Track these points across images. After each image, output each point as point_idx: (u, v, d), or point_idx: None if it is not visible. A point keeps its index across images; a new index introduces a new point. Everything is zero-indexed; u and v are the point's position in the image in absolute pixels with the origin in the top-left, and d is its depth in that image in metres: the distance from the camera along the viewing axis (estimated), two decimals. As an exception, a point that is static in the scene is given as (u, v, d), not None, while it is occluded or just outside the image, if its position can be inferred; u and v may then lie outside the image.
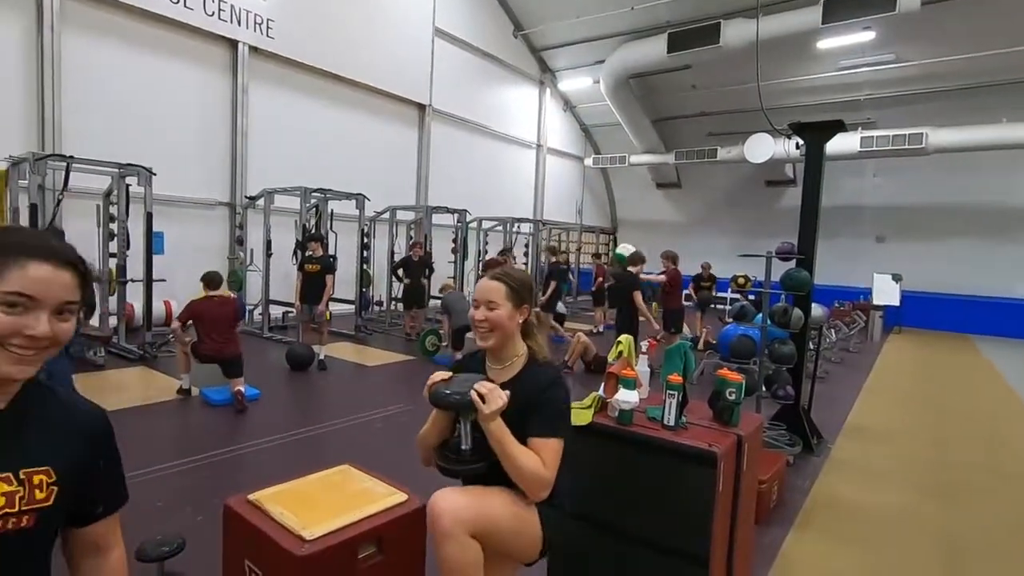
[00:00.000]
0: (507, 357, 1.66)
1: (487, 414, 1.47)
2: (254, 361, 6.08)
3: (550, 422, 1.54)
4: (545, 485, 1.51)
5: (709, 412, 2.30)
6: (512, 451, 1.49)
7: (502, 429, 1.49)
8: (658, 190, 18.49)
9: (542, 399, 1.56)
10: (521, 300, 1.65)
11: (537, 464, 1.49)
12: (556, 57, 15.77)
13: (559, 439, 1.55)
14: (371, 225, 10.19)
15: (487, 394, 1.48)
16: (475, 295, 1.68)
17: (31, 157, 5.60)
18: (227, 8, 8.74)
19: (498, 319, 1.61)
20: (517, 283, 1.66)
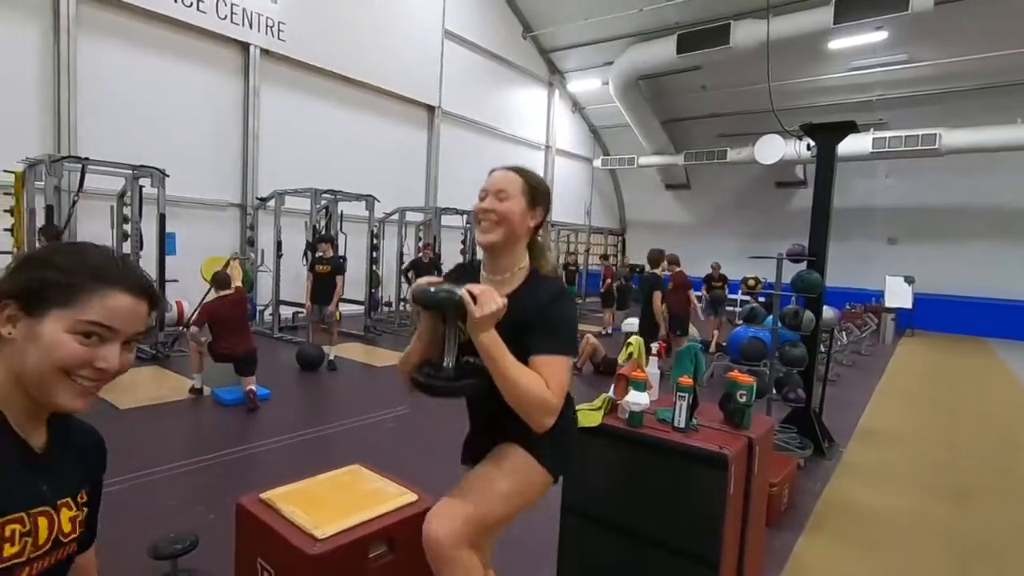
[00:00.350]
0: (507, 267, 1.42)
1: (478, 318, 1.22)
2: (265, 361, 6.12)
3: (555, 337, 1.30)
4: (549, 410, 1.27)
5: (720, 414, 2.29)
6: (508, 370, 1.24)
7: (496, 343, 1.25)
8: (667, 191, 18.43)
9: (546, 313, 1.32)
10: (536, 201, 1.43)
11: (539, 385, 1.25)
12: (565, 59, 15.76)
13: (566, 357, 1.31)
14: (380, 226, 10.24)
15: (480, 295, 1.23)
16: (485, 185, 1.46)
17: (47, 159, 5.69)
18: (239, 11, 8.82)
19: (507, 211, 1.37)
20: (535, 180, 1.45)
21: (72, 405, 0.78)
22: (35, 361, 0.75)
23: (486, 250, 1.45)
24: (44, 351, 0.75)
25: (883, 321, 11.41)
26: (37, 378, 0.76)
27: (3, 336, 0.76)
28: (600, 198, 19.18)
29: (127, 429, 4.27)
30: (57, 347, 0.75)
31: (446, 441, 4.41)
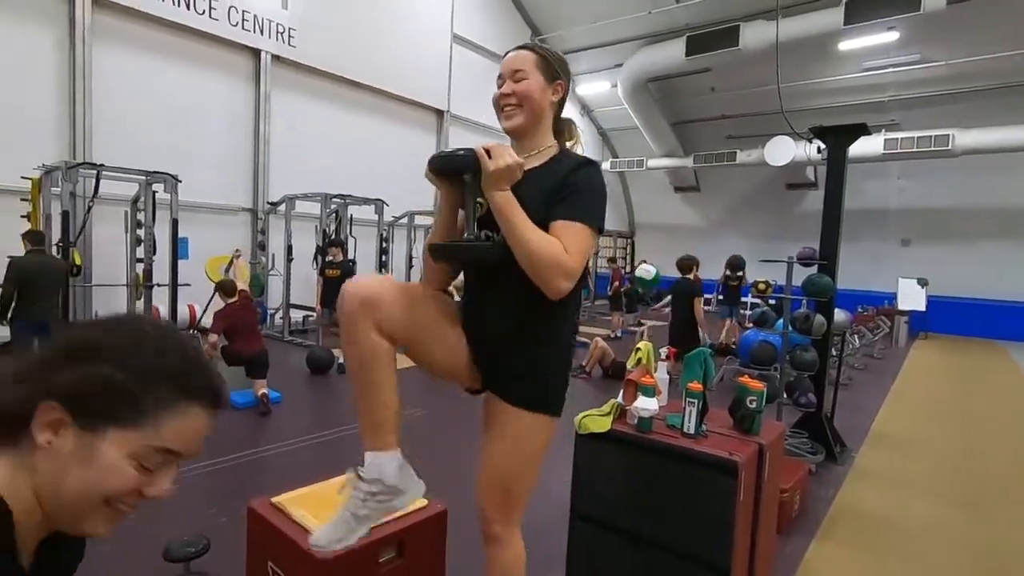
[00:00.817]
0: (535, 145, 1.37)
1: (492, 171, 1.20)
2: (275, 364, 6.16)
3: (577, 204, 1.26)
4: (566, 273, 1.22)
5: (729, 420, 2.28)
6: (524, 231, 1.20)
7: (511, 202, 1.22)
8: (676, 194, 18.35)
9: (568, 181, 1.28)
10: (555, 75, 1.37)
11: (555, 246, 1.21)
12: (574, 61, 15.75)
13: (587, 226, 1.26)
14: (390, 230, 10.30)
15: (494, 149, 1.21)
16: (500, 69, 1.40)
17: (63, 165, 5.79)
18: (250, 18, 8.92)
19: (527, 90, 1.33)
20: (549, 53, 1.39)
21: (97, 532, 0.64)
22: (78, 486, 0.60)
23: (511, 135, 1.41)
24: (96, 477, 0.60)
25: (896, 324, 11.28)
26: (73, 503, 0.60)
27: (38, 444, 0.59)
28: (609, 200, 18.78)
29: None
30: (114, 475, 0.60)
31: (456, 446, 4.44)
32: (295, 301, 8.60)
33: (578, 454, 2.26)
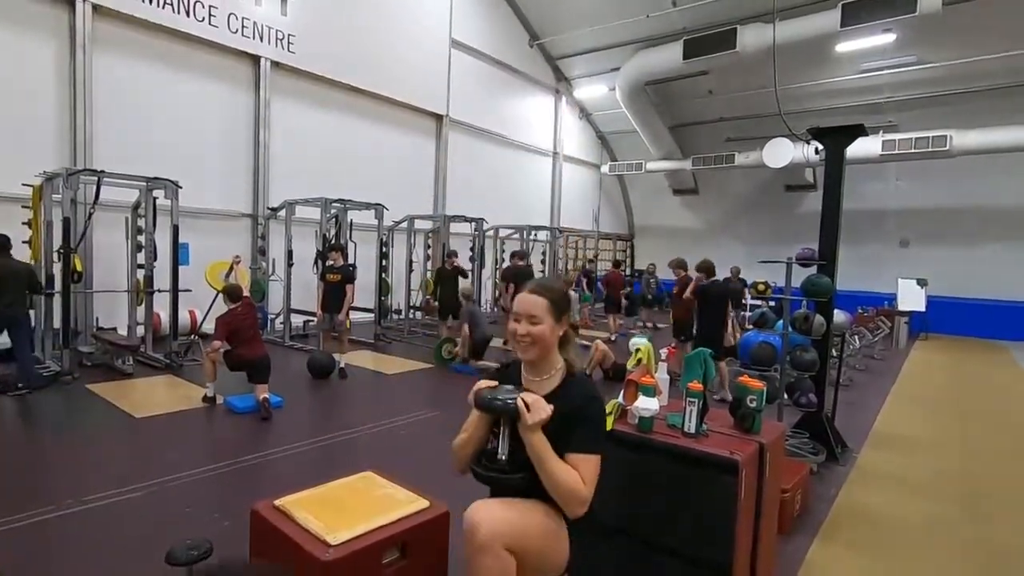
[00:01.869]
0: (545, 370, 1.65)
1: (530, 424, 1.47)
2: (276, 369, 6.15)
3: (590, 439, 1.53)
4: (583, 502, 1.48)
5: (730, 419, 2.29)
6: (551, 465, 1.47)
7: (543, 442, 1.48)
8: (675, 196, 18.39)
9: (582, 416, 1.54)
10: (561, 313, 1.64)
11: (576, 480, 1.48)
12: (572, 65, 15.83)
13: (598, 456, 1.53)
14: (389, 234, 10.31)
15: (532, 403, 1.48)
16: (516, 308, 1.66)
17: (64, 172, 5.80)
18: (250, 25, 8.96)
19: (540, 333, 1.60)
20: (556, 296, 1.65)
21: None
22: None
23: (525, 363, 1.67)
24: None
25: (896, 325, 11.28)
26: None
27: None
28: (608, 204, 19.18)
29: (143, 438, 4.33)
30: None
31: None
32: (296, 306, 8.61)
33: (579, 455, 2.27)
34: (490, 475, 1.58)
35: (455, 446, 1.69)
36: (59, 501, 3.12)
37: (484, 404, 1.54)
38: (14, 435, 4.37)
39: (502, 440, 1.56)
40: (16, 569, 2.55)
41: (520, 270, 8.45)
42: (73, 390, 5.43)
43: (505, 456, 1.56)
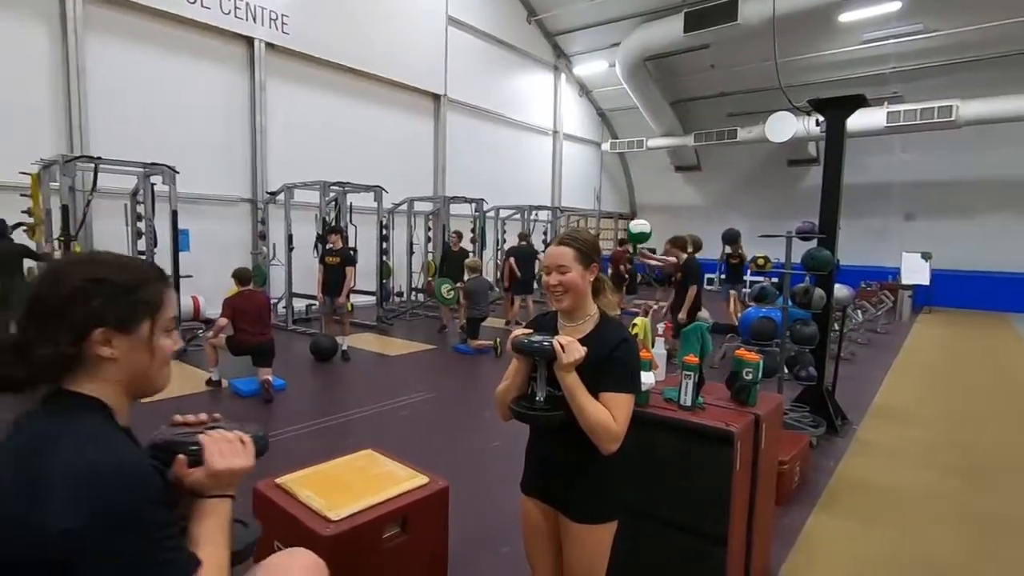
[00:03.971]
0: (580, 316, 1.71)
1: (565, 364, 1.52)
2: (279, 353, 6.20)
3: (621, 379, 1.59)
4: (614, 437, 1.54)
5: (727, 393, 2.30)
6: (584, 404, 1.54)
7: (576, 382, 1.55)
8: (677, 173, 18.24)
9: (613, 357, 1.60)
10: (590, 260, 1.68)
11: (607, 417, 1.54)
12: (571, 41, 15.59)
13: (628, 395, 1.59)
14: (389, 217, 10.28)
15: (567, 345, 1.54)
16: (545, 261, 1.73)
17: (61, 159, 5.79)
18: (243, 6, 8.83)
19: (571, 281, 1.65)
20: (584, 244, 1.70)
21: (167, 383, 1.00)
22: (149, 364, 0.92)
23: (561, 312, 1.73)
24: (155, 353, 0.92)
25: (900, 298, 11.24)
26: (153, 374, 0.94)
27: (104, 358, 0.87)
28: (610, 182, 19.04)
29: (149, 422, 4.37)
30: (161, 347, 0.93)
31: (456, 427, 4.48)
32: (297, 290, 8.62)
33: (577, 430, 2.28)
34: (530, 414, 1.65)
35: (497, 394, 1.75)
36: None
37: (523, 347, 1.61)
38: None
39: (540, 383, 1.64)
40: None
41: (520, 248, 9.03)
42: (79, 376, 5.49)
43: (543, 397, 1.64)
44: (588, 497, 1.66)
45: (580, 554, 1.67)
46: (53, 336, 0.83)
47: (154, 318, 0.92)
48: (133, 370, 0.90)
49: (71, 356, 0.85)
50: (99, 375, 0.88)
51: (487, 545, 2.71)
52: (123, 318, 0.88)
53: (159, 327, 0.93)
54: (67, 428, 0.82)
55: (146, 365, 0.92)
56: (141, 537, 0.76)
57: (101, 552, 0.73)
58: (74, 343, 0.84)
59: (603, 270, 1.75)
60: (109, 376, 0.88)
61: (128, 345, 0.88)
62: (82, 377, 0.88)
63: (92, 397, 0.87)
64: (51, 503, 0.73)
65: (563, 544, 1.71)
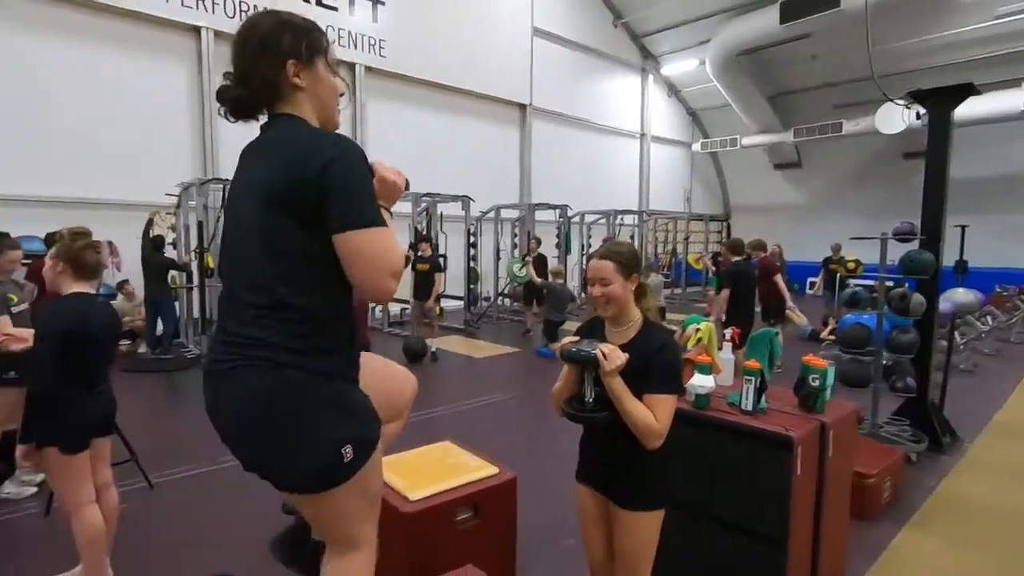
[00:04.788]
0: (624, 322, 1.84)
1: (608, 371, 1.66)
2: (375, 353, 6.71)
3: (662, 380, 1.70)
4: (657, 435, 1.67)
5: (796, 400, 2.28)
6: (628, 405, 1.67)
7: (620, 385, 1.68)
8: (776, 171, 17.25)
9: (656, 360, 1.71)
10: (630, 272, 1.82)
11: (649, 417, 1.66)
12: (658, 42, 15.32)
13: (670, 395, 1.70)
14: (477, 224, 10.70)
15: (609, 353, 1.68)
16: (588, 274, 1.87)
17: (196, 182, 6.69)
18: (345, 35, 9.65)
19: (612, 293, 1.79)
20: (623, 257, 1.83)
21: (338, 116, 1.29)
22: (326, 91, 1.22)
23: (606, 318, 1.88)
24: (326, 81, 1.21)
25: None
26: (329, 100, 1.23)
27: (297, 87, 1.18)
28: (701, 183, 18.40)
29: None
30: (328, 76, 1.21)
31: (532, 426, 4.64)
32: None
33: (639, 430, 2.37)
34: (579, 415, 1.81)
35: (553, 393, 1.93)
36: (212, 458, 3.73)
37: (569, 356, 1.79)
38: (168, 406, 5.20)
39: (588, 385, 1.79)
40: (189, 509, 3.12)
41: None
42: (210, 370, 6.30)
43: (591, 399, 1.79)
44: (634, 487, 1.77)
45: (629, 539, 1.79)
46: (263, 61, 1.15)
47: (326, 56, 1.19)
48: (317, 99, 1.19)
49: (275, 82, 1.15)
50: (296, 102, 1.18)
51: (554, 537, 2.85)
52: (305, 53, 1.15)
53: (330, 64, 1.21)
54: (295, 125, 1.17)
55: (325, 96, 1.20)
56: (359, 173, 1.10)
57: (340, 175, 1.07)
58: (274, 73, 1.15)
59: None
60: (303, 102, 1.18)
61: (312, 77, 1.17)
62: (286, 104, 1.19)
63: (296, 115, 1.18)
64: (310, 153, 1.09)
65: (613, 529, 1.83)
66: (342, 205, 1.07)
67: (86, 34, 7.43)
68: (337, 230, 1.08)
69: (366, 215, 1.09)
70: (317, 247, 1.13)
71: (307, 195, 1.09)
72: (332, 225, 1.09)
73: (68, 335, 2.05)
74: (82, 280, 2.12)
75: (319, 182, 1.07)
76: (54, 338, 2.03)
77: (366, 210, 1.10)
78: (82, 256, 2.09)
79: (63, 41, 7.27)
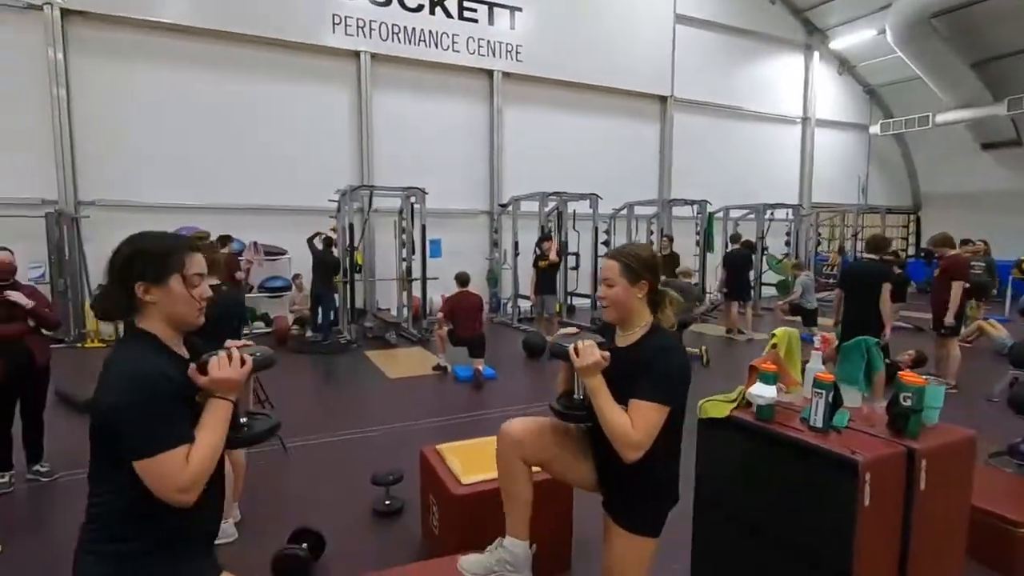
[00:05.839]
0: (630, 327, 1.74)
1: (580, 367, 1.59)
2: (497, 347, 7.06)
3: (648, 387, 1.57)
4: (632, 446, 1.54)
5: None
6: (604, 409, 1.57)
7: (597, 385, 1.60)
8: (984, 152, 14.33)
9: (648, 366, 1.60)
10: (637, 276, 1.69)
11: (625, 424, 1.55)
12: (826, 14, 13.65)
13: (654, 404, 1.56)
14: (610, 222, 10.57)
15: (582, 349, 1.59)
16: (601, 274, 1.82)
17: (348, 189, 7.62)
18: (484, 44, 10.18)
19: (614, 296, 1.70)
20: (632, 260, 1.71)
21: (199, 320, 1.30)
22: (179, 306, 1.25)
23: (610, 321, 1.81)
24: (181, 298, 1.24)
25: None
26: (182, 313, 1.26)
27: (147, 303, 1.23)
28: (880, 170, 15.99)
29: (392, 392, 5.54)
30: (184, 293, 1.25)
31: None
32: (523, 292, 9.55)
33: (700, 439, 2.24)
34: (563, 413, 1.79)
35: (556, 385, 1.96)
36: (334, 431, 4.30)
37: (552, 349, 1.75)
38: (314, 383, 6.05)
39: (578, 382, 1.73)
40: (305, 471, 3.66)
41: (735, 252, 8.98)
42: (356, 355, 7.16)
43: (581, 397, 1.72)
44: (618, 504, 1.71)
45: (608, 552, 1.74)
46: (117, 290, 1.24)
47: (182, 274, 1.24)
48: (168, 311, 1.24)
49: (128, 300, 1.23)
50: (148, 314, 1.24)
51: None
52: (156, 276, 1.22)
53: (187, 280, 1.24)
54: (124, 349, 1.22)
55: (176, 308, 1.24)
56: (143, 414, 1.12)
57: (125, 419, 1.11)
58: (126, 294, 1.22)
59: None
60: (154, 315, 1.24)
61: (163, 293, 1.22)
62: (141, 315, 1.25)
63: (144, 330, 1.24)
64: (105, 389, 1.15)
65: (604, 536, 1.80)
66: (125, 440, 1.12)
67: (261, 67, 8.83)
68: (128, 459, 1.13)
69: (141, 450, 1.11)
70: None
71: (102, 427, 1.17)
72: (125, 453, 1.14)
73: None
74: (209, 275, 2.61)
75: (106, 417, 1.14)
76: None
77: (141, 446, 1.11)
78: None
79: (242, 74, 8.72)
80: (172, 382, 1.18)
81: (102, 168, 7.97)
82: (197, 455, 1.16)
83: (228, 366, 1.22)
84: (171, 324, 1.26)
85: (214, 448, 1.20)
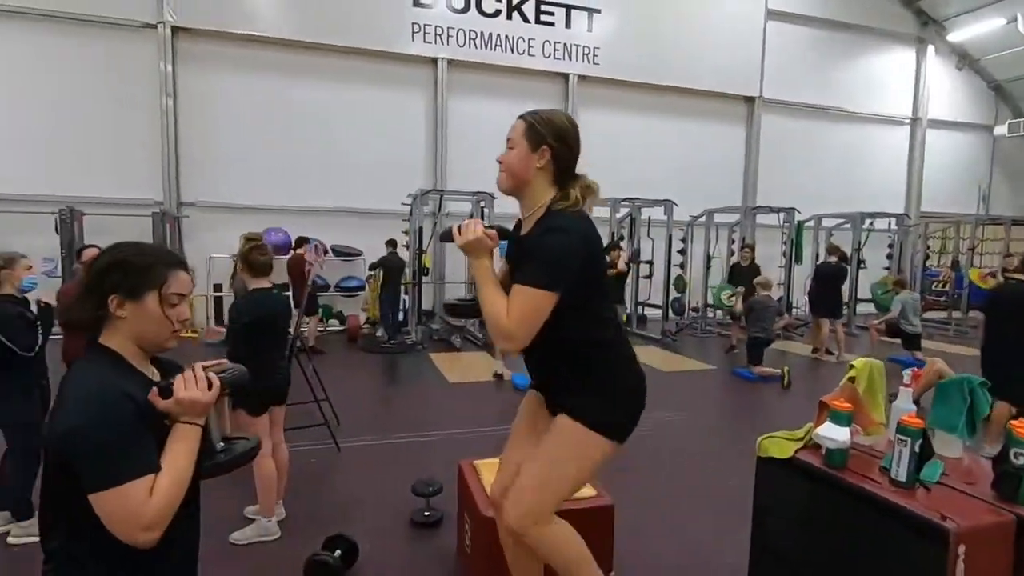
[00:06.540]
0: (530, 205, 1.56)
1: (461, 245, 1.48)
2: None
3: (530, 271, 1.42)
4: (503, 335, 1.42)
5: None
6: (483, 294, 1.46)
7: (482, 270, 1.48)
8: None
9: (534, 247, 1.46)
10: (540, 141, 1.51)
11: (499, 311, 1.41)
12: (942, 3, 12.31)
13: (533, 288, 1.40)
14: (688, 229, 10.08)
15: (464, 226, 1.48)
16: None
17: (419, 192, 7.76)
18: (560, 47, 10.06)
19: (508, 160, 1.54)
20: (539, 121, 1.53)
21: (171, 346, 1.19)
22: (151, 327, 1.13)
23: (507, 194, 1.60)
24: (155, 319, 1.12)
25: None
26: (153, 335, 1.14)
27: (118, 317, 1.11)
28: (1006, 177, 14.18)
29: (448, 397, 5.53)
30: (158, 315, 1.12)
31: (691, 454, 4.23)
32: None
33: (759, 478, 1.99)
34: (451, 304, 1.76)
35: None
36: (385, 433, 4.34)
37: (440, 233, 1.74)
38: (375, 383, 6.16)
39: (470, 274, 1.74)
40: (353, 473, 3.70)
41: (826, 265, 8.22)
42: (420, 356, 7.25)
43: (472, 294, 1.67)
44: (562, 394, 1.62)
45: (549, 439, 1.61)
46: (87, 300, 1.12)
47: (159, 292, 1.12)
48: (140, 329, 1.12)
49: (98, 313, 1.12)
50: (115, 330, 1.12)
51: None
52: (132, 290, 1.10)
53: (164, 300, 1.13)
54: (83, 367, 1.11)
55: (149, 327, 1.12)
56: (102, 439, 1.00)
57: (82, 445, 1.00)
58: (97, 305, 1.11)
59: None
60: (122, 331, 1.12)
61: (137, 309, 1.10)
62: (108, 330, 1.13)
63: (108, 348, 1.12)
64: (60, 413, 1.03)
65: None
66: (81, 469, 1.01)
67: (344, 75, 9.17)
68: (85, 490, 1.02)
69: (99, 480, 1.00)
70: None
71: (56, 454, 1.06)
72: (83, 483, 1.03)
73: (251, 324, 2.60)
74: (259, 277, 2.67)
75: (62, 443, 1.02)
76: (240, 327, 2.60)
77: (100, 474, 1.00)
78: (250, 257, 2.62)
79: (326, 82, 9.09)
80: (136, 403, 1.06)
81: (202, 171, 8.63)
82: (162, 486, 1.04)
83: (196, 387, 1.10)
84: (139, 343, 1.15)
85: (181, 479, 1.08)
